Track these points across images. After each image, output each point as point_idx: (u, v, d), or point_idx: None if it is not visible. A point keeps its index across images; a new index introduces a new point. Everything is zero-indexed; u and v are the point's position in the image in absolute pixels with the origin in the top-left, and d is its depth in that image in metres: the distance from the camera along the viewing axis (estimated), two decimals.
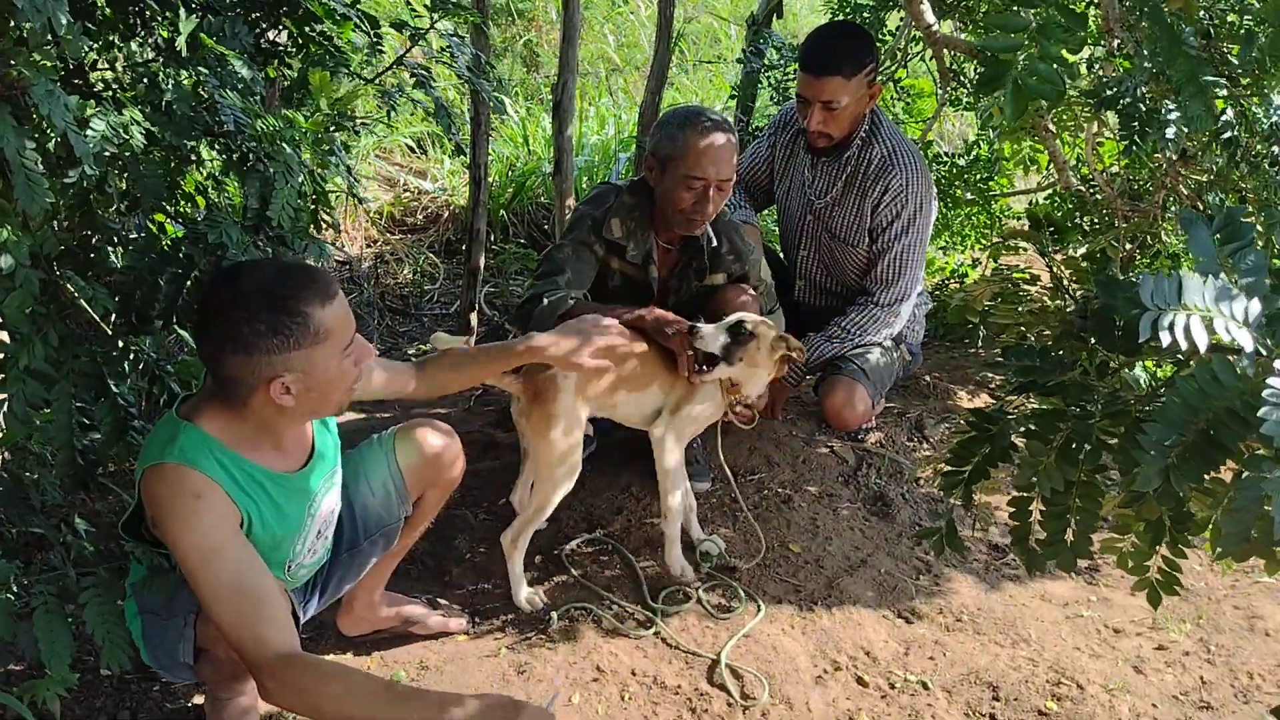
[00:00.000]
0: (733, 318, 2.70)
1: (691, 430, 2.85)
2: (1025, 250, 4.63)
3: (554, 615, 2.63)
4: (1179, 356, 1.30)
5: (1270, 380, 1.17)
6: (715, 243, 3.01)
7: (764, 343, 2.69)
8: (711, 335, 2.64)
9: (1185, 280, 1.24)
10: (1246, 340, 1.23)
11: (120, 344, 2.21)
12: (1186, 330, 1.21)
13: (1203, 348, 1.20)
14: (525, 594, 2.70)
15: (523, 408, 2.65)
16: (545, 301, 2.76)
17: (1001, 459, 1.59)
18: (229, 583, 1.77)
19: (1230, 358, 1.24)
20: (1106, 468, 1.55)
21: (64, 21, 1.77)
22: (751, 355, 2.69)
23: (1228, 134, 2.65)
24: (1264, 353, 1.24)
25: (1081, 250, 3.04)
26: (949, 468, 1.62)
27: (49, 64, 1.86)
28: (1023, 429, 1.54)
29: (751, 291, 3.05)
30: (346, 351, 1.86)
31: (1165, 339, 1.21)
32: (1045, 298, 1.85)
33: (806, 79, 3.21)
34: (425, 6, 2.45)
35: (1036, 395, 1.55)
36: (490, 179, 5.03)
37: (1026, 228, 2.24)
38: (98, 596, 1.94)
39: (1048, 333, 1.76)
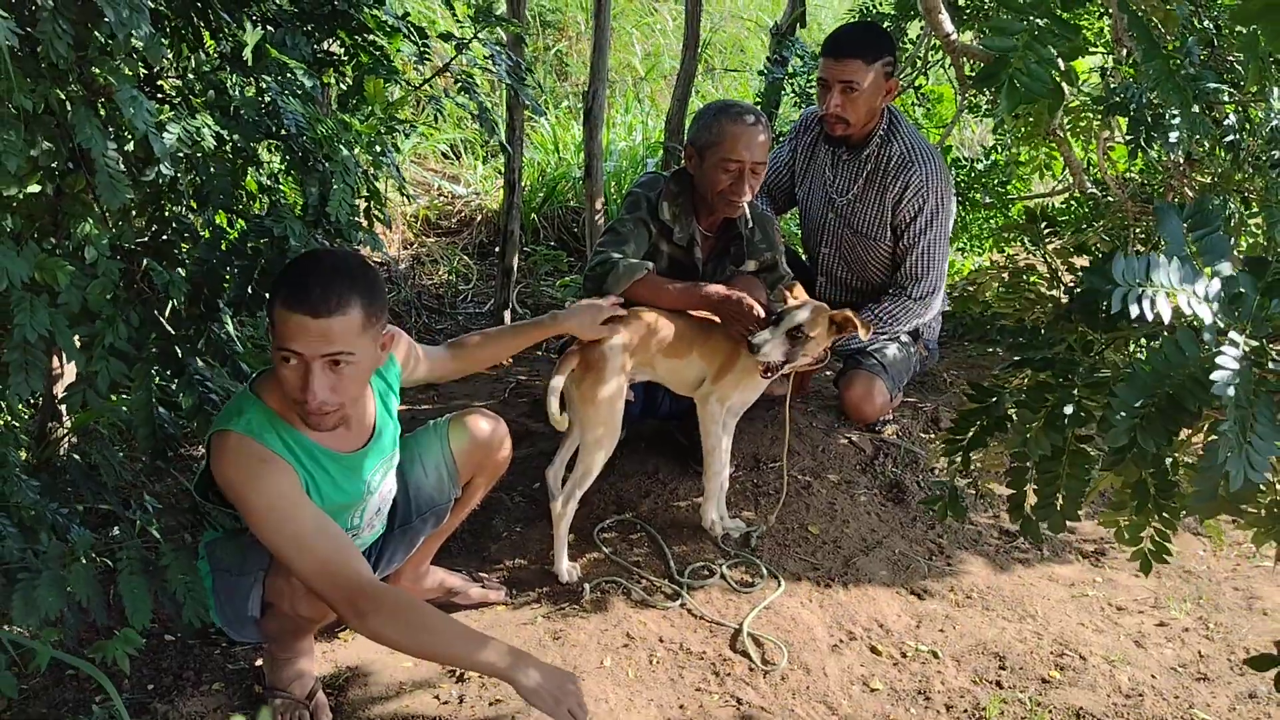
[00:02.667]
0: (787, 321, 2.82)
1: (741, 396, 3.05)
2: (1029, 249, 4.76)
3: (586, 588, 2.81)
4: (1162, 333, 1.45)
5: (1224, 349, 1.33)
6: (752, 228, 3.22)
7: (820, 329, 2.85)
8: (772, 347, 2.80)
9: (1154, 261, 1.40)
10: (1207, 314, 1.39)
11: (194, 328, 2.41)
12: (1153, 304, 1.38)
13: (1167, 319, 1.36)
14: (566, 565, 2.87)
15: (576, 377, 2.84)
16: (621, 266, 2.96)
17: (997, 428, 1.75)
18: (312, 528, 1.96)
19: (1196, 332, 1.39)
20: (1093, 438, 1.70)
21: (146, 32, 1.97)
22: (809, 347, 2.86)
23: (1230, 138, 2.79)
24: (1222, 326, 1.39)
25: (1069, 243, 3.22)
26: (950, 436, 1.78)
27: (130, 71, 2.05)
28: (1015, 400, 1.70)
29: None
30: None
31: (1134, 311, 1.37)
32: (1042, 287, 2.02)
33: (827, 62, 3.40)
34: (470, 17, 2.64)
35: (1030, 370, 1.70)
36: (522, 183, 5.21)
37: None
38: (178, 559, 2.13)
39: (1042, 318, 1.91)
